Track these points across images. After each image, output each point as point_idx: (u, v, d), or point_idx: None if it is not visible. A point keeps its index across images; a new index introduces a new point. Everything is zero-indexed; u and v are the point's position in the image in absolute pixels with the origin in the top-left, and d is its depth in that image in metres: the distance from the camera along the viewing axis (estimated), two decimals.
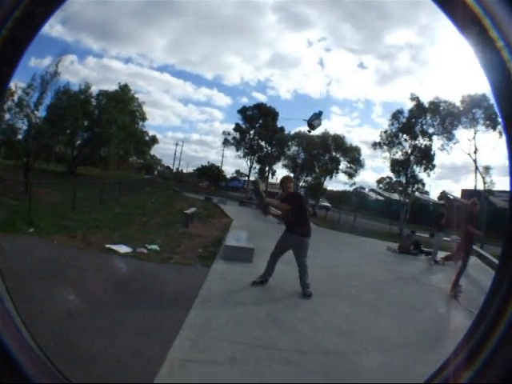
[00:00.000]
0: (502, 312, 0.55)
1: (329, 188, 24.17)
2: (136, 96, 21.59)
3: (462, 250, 7.54)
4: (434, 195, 25.42)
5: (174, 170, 27.97)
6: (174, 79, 27.34)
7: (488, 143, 28.44)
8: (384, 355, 4.09)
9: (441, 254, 10.80)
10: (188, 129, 33.14)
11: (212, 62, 27.98)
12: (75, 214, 10.93)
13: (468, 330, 0.59)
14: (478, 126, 20.31)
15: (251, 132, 24.78)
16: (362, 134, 36.21)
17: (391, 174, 24.33)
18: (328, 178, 23.21)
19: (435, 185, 32.43)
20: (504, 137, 0.61)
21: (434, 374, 0.60)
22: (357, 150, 22.58)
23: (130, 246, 7.75)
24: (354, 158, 22.52)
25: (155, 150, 25.68)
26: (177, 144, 27.30)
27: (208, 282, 6.00)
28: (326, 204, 23.71)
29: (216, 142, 31.69)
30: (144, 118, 22.03)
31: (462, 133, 21.07)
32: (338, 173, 22.81)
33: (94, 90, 19.61)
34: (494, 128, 19.69)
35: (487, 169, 21.44)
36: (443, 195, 26.73)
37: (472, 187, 24.04)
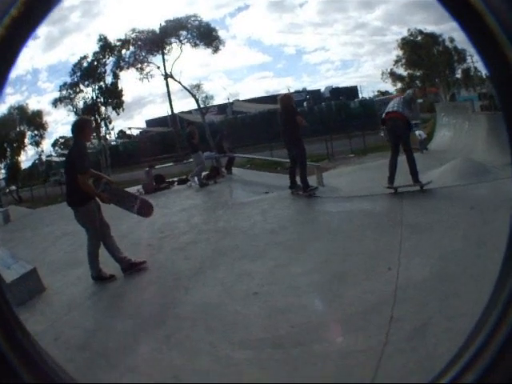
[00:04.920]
0: (507, 310, 0.57)
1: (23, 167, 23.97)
2: None
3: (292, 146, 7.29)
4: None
5: None
6: None
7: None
8: None
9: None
10: None
11: None
12: None
13: (472, 329, 0.60)
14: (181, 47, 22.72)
15: None
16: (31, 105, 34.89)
17: (67, 133, 25.47)
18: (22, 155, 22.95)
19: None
20: (506, 137, 0.61)
21: (438, 375, 0.61)
22: (39, 114, 23.05)
23: None
24: (38, 124, 22.96)
25: None
26: None
27: None
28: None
29: None
30: None
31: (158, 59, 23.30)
32: (25, 146, 23.06)
33: None
34: (210, 45, 22.70)
35: (198, 86, 24.01)
36: (122, 134, 29.57)
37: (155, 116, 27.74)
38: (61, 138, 26.77)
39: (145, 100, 46.06)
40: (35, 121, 23.15)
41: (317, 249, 4.72)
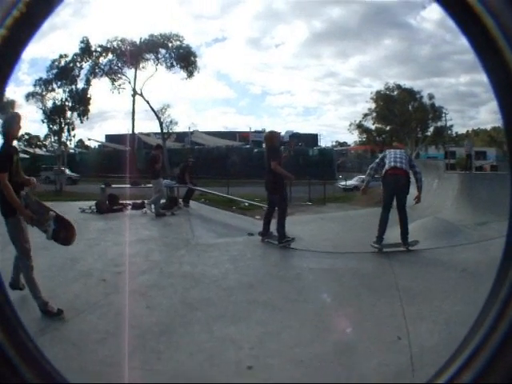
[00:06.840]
0: (505, 310, 0.59)
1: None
2: None
3: (273, 191, 6.81)
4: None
5: None
6: None
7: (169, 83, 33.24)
8: None
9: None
10: None
11: None
12: None
13: (470, 328, 0.61)
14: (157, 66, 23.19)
15: None
16: (8, 93, 36.18)
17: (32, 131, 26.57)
18: None
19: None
20: (505, 138, 0.62)
21: (436, 374, 0.62)
22: (12, 104, 22.28)
23: None
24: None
25: None
26: None
27: None
28: None
29: None
30: None
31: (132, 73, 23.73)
32: None
33: None
34: (186, 68, 22.84)
35: (165, 109, 24.53)
36: (80, 144, 29.43)
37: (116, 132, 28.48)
38: (26, 134, 28.59)
39: (107, 114, 48.00)
40: (7, 110, 21.75)
41: (310, 313, 4.27)
